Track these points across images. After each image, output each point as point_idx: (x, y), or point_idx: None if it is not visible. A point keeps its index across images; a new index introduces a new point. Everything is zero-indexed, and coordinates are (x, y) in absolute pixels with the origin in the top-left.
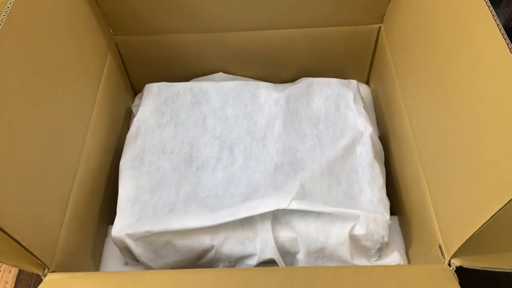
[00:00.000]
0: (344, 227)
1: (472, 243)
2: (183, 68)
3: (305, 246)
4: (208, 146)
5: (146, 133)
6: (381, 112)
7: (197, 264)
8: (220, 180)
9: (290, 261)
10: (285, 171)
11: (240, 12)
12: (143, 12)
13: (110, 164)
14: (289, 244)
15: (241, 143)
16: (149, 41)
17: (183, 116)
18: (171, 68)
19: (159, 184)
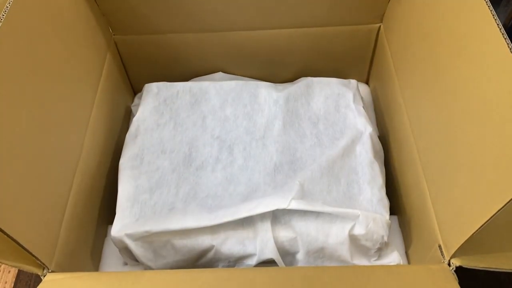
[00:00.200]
0: (344, 227)
1: (472, 243)
2: (183, 68)
3: (305, 246)
4: (208, 146)
5: (146, 133)
6: (381, 112)
7: (197, 264)
8: (220, 180)
9: (290, 261)
10: (285, 171)
11: (240, 12)
12: (143, 12)
13: (110, 164)
14: (289, 244)
15: (241, 143)
16: (149, 41)
17: (183, 116)
18: (171, 68)
19: (159, 184)
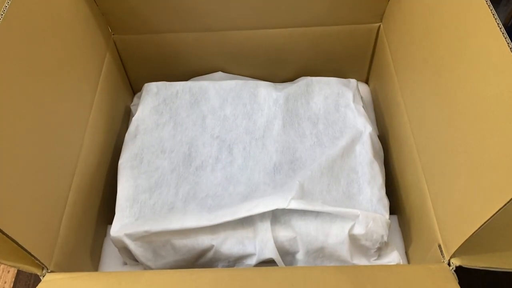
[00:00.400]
0: (344, 227)
1: (472, 243)
2: (182, 68)
3: (305, 246)
4: (207, 146)
5: (145, 133)
6: (381, 111)
7: (196, 264)
8: (219, 180)
9: (290, 261)
10: (285, 171)
11: (239, 11)
12: (142, 11)
13: (109, 164)
14: (289, 244)
15: (240, 143)
16: (148, 40)
17: (182, 116)
18: (170, 67)
19: (158, 184)
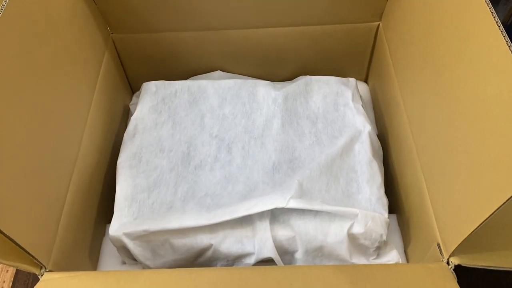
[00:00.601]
0: (343, 226)
1: (471, 242)
2: (181, 67)
3: (304, 245)
4: (206, 145)
5: (144, 132)
6: (380, 111)
7: (195, 263)
8: (218, 179)
9: (289, 260)
10: (283, 170)
11: (238, 10)
12: (141, 10)
13: (108, 163)
14: (287, 243)
15: (239, 142)
16: (147, 39)
17: (181, 115)
18: (169, 67)
19: (157, 183)
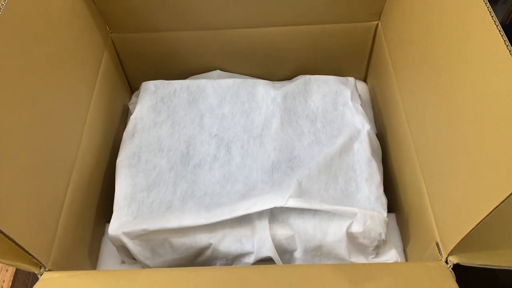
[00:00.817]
0: (342, 225)
1: (470, 241)
2: (180, 66)
3: (303, 244)
4: (205, 144)
5: (143, 131)
6: (379, 110)
7: (195, 262)
8: (217, 178)
9: (288, 259)
10: (283, 169)
11: (237, 9)
12: (140, 10)
13: (107, 162)
14: (287, 242)
15: (238, 141)
16: (146, 39)
17: (180, 114)
18: (168, 66)
19: (156, 182)
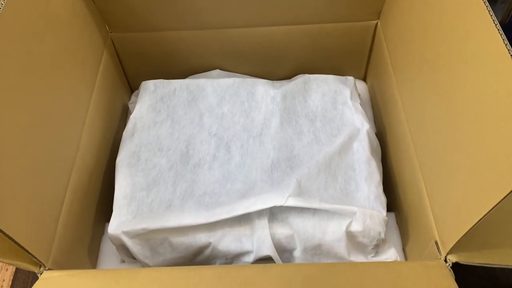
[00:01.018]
0: (341, 224)
1: (469, 239)
2: (180, 65)
3: (302, 243)
4: (205, 143)
5: (143, 131)
6: (378, 109)
7: (194, 261)
8: (217, 177)
9: (287, 258)
10: (282, 168)
11: (237, 9)
12: (139, 9)
13: (107, 162)
14: (286, 241)
15: (238, 140)
16: (146, 38)
17: (180, 114)
18: (168, 65)
19: (156, 182)
